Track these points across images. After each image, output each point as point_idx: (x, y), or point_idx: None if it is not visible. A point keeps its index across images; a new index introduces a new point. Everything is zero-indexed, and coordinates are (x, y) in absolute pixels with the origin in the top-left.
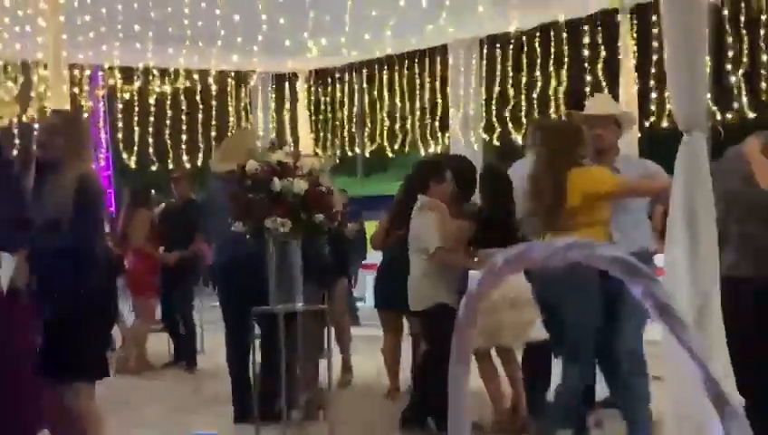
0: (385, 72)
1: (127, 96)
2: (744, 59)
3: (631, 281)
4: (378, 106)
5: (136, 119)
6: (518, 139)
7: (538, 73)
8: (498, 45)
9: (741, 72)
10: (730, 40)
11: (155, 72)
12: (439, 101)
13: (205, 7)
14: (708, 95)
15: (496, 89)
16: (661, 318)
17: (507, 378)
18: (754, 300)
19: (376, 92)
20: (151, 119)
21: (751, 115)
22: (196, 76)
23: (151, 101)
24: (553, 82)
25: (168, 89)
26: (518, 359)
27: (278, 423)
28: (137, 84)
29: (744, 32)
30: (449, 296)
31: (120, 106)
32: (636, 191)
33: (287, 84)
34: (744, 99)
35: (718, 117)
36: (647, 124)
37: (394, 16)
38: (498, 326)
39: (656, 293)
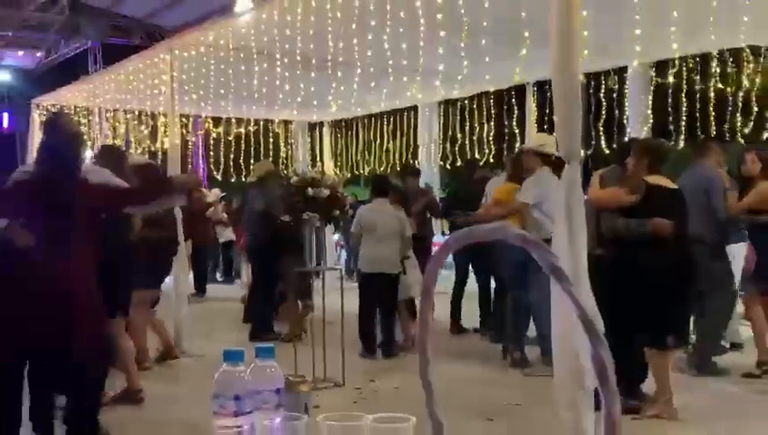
0: (378, 121)
1: (215, 135)
2: (603, 115)
3: (533, 250)
4: (374, 144)
5: (222, 150)
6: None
7: (476, 124)
8: (450, 106)
9: (600, 123)
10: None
11: (233, 119)
12: (412, 141)
13: (267, 79)
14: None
15: (449, 133)
16: (552, 274)
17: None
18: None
19: (372, 135)
20: (231, 149)
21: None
22: (260, 122)
23: (231, 138)
24: (485, 130)
25: (242, 131)
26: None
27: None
28: (222, 128)
29: (601, 97)
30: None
31: (212, 142)
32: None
33: (317, 129)
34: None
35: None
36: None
37: (386, 86)
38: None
39: (548, 258)
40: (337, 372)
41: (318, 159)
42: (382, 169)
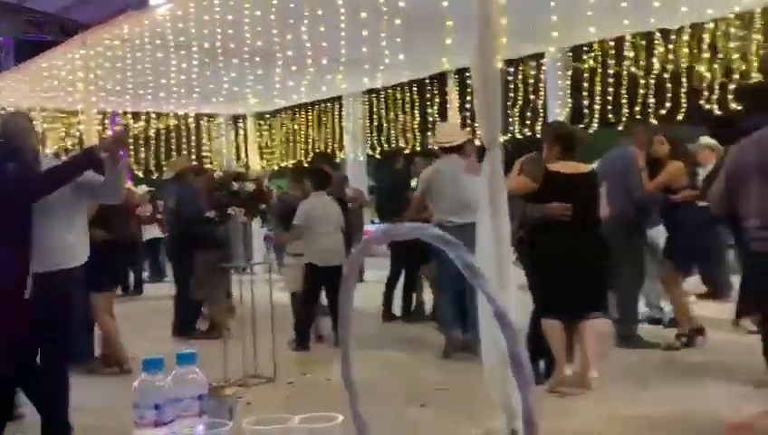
0: (303, 112)
1: (135, 131)
2: (519, 102)
3: (448, 249)
4: (298, 135)
5: (143, 146)
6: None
7: (400, 113)
8: (374, 95)
9: (516, 110)
10: (512, 88)
11: (153, 114)
12: (338, 130)
13: (184, 77)
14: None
15: (375, 123)
16: (465, 271)
17: None
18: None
19: (296, 126)
20: (152, 145)
21: (519, 136)
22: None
23: (151, 133)
24: (408, 119)
25: (162, 126)
26: None
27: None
28: (142, 123)
29: (519, 85)
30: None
31: (132, 138)
32: None
33: (241, 122)
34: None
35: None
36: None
37: (308, 76)
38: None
39: (462, 256)
40: (268, 368)
41: (243, 152)
42: (308, 160)
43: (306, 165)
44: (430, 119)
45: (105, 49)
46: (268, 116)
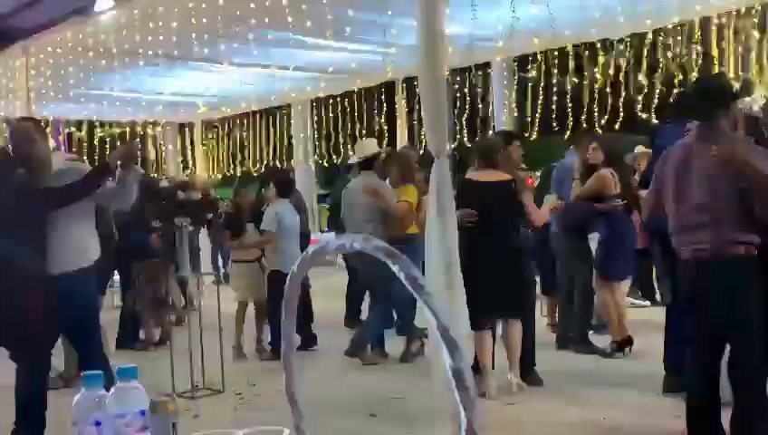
0: (251, 120)
1: (78, 139)
2: (467, 110)
3: (390, 261)
4: (246, 142)
5: (86, 155)
6: (336, 161)
7: (348, 121)
8: (323, 104)
9: (464, 117)
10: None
11: (97, 122)
12: (286, 139)
13: (129, 84)
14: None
15: (324, 132)
16: (408, 285)
17: None
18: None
19: (245, 133)
20: (96, 153)
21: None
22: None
23: (95, 142)
24: (357, 127)
25: (105, 134)
26: None
27: None
28: (85, 131)
29: (467, 93)
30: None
31: (76, 146)
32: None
33: (188, 129)
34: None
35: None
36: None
37: (256, 83)
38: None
39: (405, 268)
40: (217, 379)
41: (190, 161)
42: (257, 169)
43: (254, 173)
44: (377, 127)
45: (47, 56)
46: (216, 124)
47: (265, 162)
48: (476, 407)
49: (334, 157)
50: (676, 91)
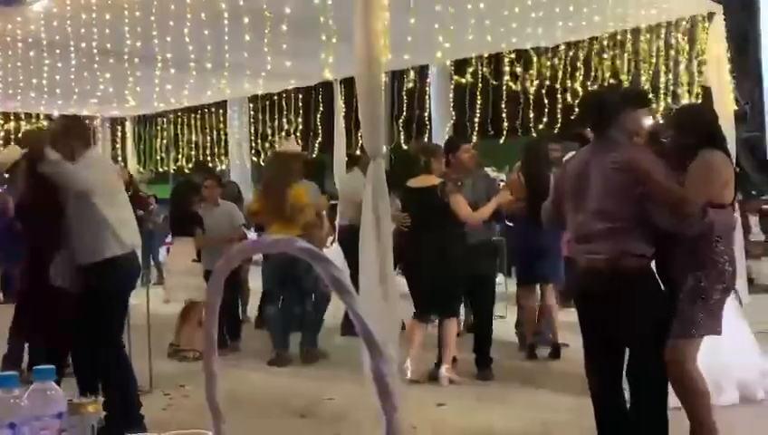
0: (185, 117)
1: (3, 133)
2: (404, 113)
3: (315, 263)
4: (180, 138)
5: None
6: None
7: (284, 120)
8: (259, 102)
9: (401, 120)
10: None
11: (23, 115)
12: (222, 136)
13: (58, 78)
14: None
15: (260, 130)
16: (334, 288)
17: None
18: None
19: (179, 130)
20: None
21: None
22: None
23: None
24: (292, 127)
25: (33, 127)
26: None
27: None
28: (12, 124)
29: (404, 96)
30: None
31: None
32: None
33: (119, 124)
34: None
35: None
36: (357, 153)
37: (191, 80)
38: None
39: (331, 270)
40: (145, 379)
41: (120, 156)
42: (190, 165)
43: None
44: (313, 127)
45: None
46: (148, 120)
47: (198, 160)
48: (397, 412)
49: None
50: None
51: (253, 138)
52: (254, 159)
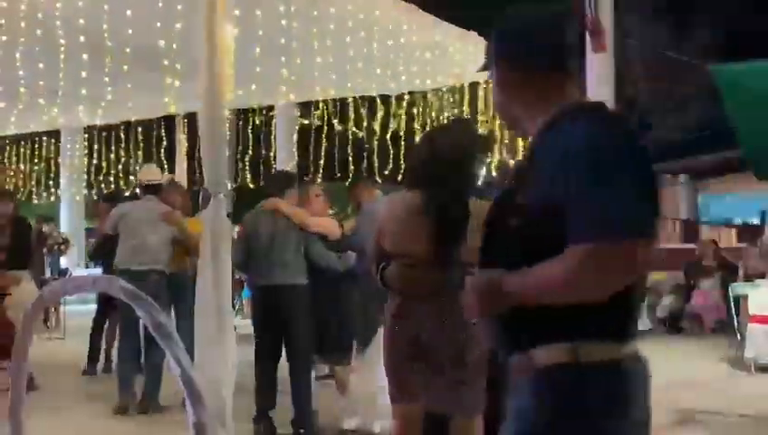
0: (14, 146)
1: None
2: (250, 151)
3: (136, 305)
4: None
5: None
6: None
7: (122, 153)
8: (95, 132)
9: (247, 158)
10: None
11: None
12: (53, 168)
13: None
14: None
15: (94, 161)
16: (154, 332)
17: None
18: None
19: (5, 160)
20: None
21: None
22: None
23: None
24: (132, 159)
25: None
26: None
27: None
28: None
29: (250, 134)
30: None
31: None
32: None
33: None
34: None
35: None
36: (195, 188)
37: (20, 106)
38: None
39: (152, 313)
40: None
41: None
42: (20, 196)
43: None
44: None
45: None
46: None
47: (29, 190)
48: None
49: (104, 189)
50: None
51: (88, 170)
52: (88, 192)
